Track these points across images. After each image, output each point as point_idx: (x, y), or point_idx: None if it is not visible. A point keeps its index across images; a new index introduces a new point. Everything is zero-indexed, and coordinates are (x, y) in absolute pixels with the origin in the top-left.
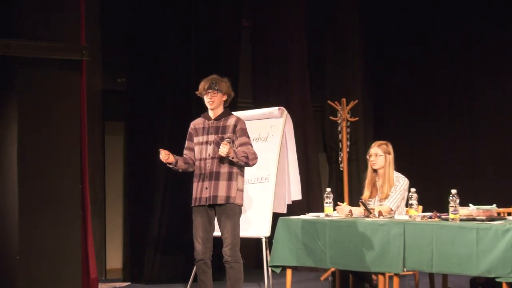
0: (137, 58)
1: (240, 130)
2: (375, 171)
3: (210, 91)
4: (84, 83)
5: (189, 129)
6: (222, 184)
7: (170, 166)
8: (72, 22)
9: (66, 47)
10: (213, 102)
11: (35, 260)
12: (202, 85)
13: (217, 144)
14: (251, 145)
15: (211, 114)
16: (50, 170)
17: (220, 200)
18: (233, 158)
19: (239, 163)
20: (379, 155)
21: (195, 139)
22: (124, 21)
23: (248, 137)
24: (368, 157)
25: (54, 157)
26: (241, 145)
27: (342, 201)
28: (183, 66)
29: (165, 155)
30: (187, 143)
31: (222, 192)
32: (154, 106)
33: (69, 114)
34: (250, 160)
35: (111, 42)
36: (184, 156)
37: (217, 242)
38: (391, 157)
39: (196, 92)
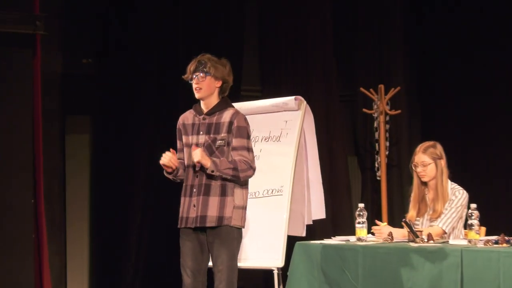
0: (109, 32)
1: (237, 129)
2: (423, 183)
3: (197, 73)
4: (38, 64)
5: (177, 125)
6: (213, 200)
7: (169, 175)
8: None
9: (13, 18)
10: (200, 89)
11: None
12: (189, 66)
13: (208, 148)
14: (248, 150)
15: (203, 106)
16: None
17: (210, 222)
18: (212, 171)
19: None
20: (427, 163)
21: (184, 139)
22: None
23: (247, 137)
24: (412, 166)
25: None
26: (233, 149)
27: (380, 221)
28: (170, 42)
29: (171, 160)
30: (178, 144)
31: (212, 211)
32: (132, 95)
33: (19, 106)
34: (240, 171)
35: (76, 11)
36: (180, 161)
37: (212, 274)
38: (443, 163)
39: (183, 77)
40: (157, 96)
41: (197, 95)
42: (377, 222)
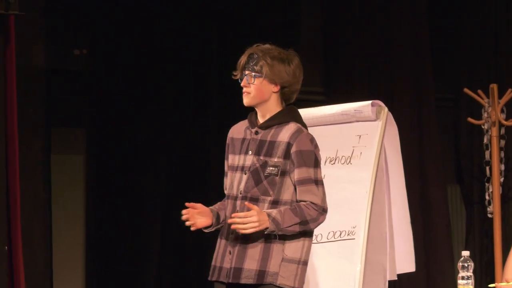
0: (109, 12)
1: (298, 154)
2: None
3: (246, 72)
4: (12, 56)
5: (227, 140)
6: (255, 248)
7: (208, 230)
8: None
9: None
10: (247, 94)
11: None
12: (240, 60)
13: (254, 175)
14: (317, 184)
15: (259, 115)
16: None
17: (247, 278)
18: (273, 231)
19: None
20: None
21: (229, 159)
22: None
23: (315, 165)
24: None
25: None
26: (297, 183)
27: (492, 275)
28: (195, 25)
29: (194, 219)
30: (226, 166)
31: (250, 264)
32: (141, 100)
33: None
34: (310, 222)
35: None
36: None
37: None
38: None
39: (234, 73)
40: (176, 99)
41: (244, 101)
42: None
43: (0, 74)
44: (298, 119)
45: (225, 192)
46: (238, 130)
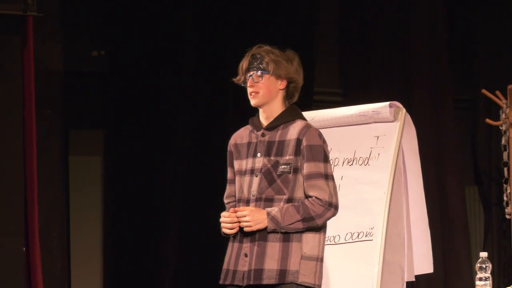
0: (125, 14)
1: (308, 149)
2: None
3: (251, 72)
4: (31, 57)
5: (228, 147)
6: (273, 248)
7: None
8: None
9: None
10: (256, 93)
11: None
12: (241, 63)
13: (267, 176)
14: (327, 178)
15: (262, 118)
16: None
17: (269, 278)
18: (275, 230)
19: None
20: None
21: (236, 165)
22: None
23: (324, 160)
24: None
25: None
26: (306, 178)
27: (510, 276)
28: (213, 26)
29: (233, 223)
30: (229, 173)
31: (271, 264)
32: (160, 102)
33: (3, 116)
34: (316, 218)
35: None
36: (231, 204)
37: None
38: None
39: (234, 80)
40: (194, 101)
41: (253, 102)
42: None
43: (18, 75)
44: (302, 117)
45: (225, 200)
46: (241, 136)
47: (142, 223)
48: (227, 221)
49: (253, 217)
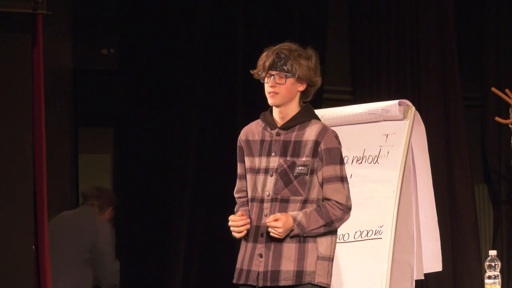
0: (135, 12)
1: (327, 152)
2: None
3: (273, 72)
4: (40, 56)
5: (238, 142)
6: (289, 248)
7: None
8: None
9: None
10: (277, 94)
11: None
12: (263, 59)
13: (283, 177)
14: (343, 180)
15: (277, 116)
16: None
17: (286, 280)
18: (298, 234)
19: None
20: None
21: (247, 162)
22: None
23: (341, 163)
24: None
25: None
26: (325, 181)
27: None
28: (224, 26)
29: (244, 224)
30: (239, 168)
31: (288, 265)
32: (171, 100)
33: (13, 115)
34: (336, 222)
35: None
36: (243, 200)
37: None
38: None
39: (253, 72)
40: (204, 99)
41: (271, 101)
42: None
43: (28, 73)
44: (317, 117)
45: (235, 195)
46: (253, 132)
47: (152, 221)
48: (235, 225)
49: (285, 228)
